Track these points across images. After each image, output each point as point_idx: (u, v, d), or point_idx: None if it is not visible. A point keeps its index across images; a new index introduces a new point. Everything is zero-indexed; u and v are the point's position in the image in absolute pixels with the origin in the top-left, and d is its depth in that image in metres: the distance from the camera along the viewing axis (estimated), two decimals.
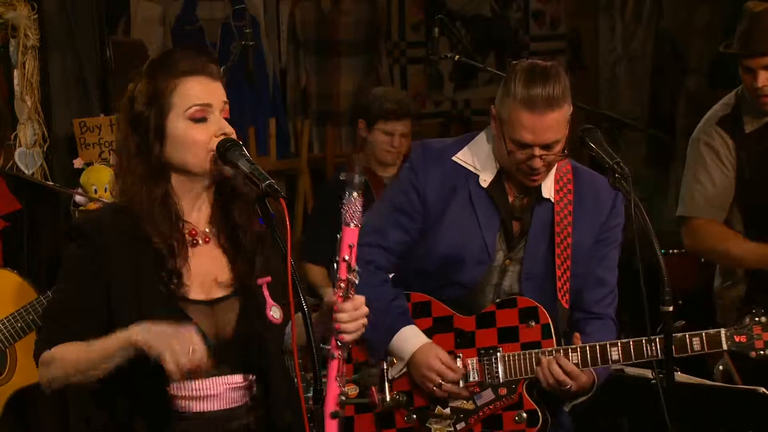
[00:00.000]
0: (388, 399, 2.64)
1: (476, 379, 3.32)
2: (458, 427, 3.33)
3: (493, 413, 3.32)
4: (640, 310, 3.18)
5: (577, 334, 3.28)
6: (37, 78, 4.51)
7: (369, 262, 3.25)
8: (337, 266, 2.52)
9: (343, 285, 2.51)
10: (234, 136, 2.66)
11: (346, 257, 2.50)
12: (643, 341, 3.24)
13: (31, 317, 3.83)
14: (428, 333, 3.34)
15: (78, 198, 4.27)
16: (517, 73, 3.18)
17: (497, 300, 3.34)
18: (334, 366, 2.50)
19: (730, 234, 4.06)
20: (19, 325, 3.84)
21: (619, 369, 3.51)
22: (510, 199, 3.31)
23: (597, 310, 3.38)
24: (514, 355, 3.29)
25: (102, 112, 4.56)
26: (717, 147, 4.07)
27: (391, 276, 3.42)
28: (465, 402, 3.32)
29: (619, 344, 3.24)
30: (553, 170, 3.30)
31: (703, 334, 3.27)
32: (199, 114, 2.61)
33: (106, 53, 4.60)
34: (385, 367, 2.66)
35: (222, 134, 2.63)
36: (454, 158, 3.34)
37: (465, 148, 3.36)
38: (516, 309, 3.31)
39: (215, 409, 2.63)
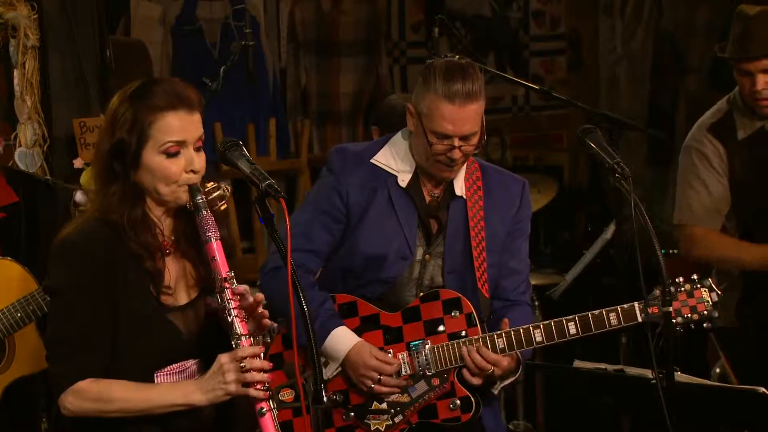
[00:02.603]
0: (324, 399, 2.68)
1: (408, 372, 3.43)
2: (396, 420, 3.44)
3: (428, 403, 3.45)
4: None
5: (506, 320, 3.43)
6: (37, 78, 4.51)
7: (298, 266, 3.32)
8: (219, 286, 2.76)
9: (226, 304, 2.76)
10: (203, 170, 2.84)
11: (216, 272, 2.76)
12: (564, 321, 3.40)
13: (31, 308, 3.84)
14: (357, 332, 3.45)
15: (78, 198, 4.28)
16: (436, 69, 3.36)
17: (420, 294, 3.48)
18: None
19: (735, 241, 4.06)
20: (19, 315, 3.85)
21: (619, 369, 3.52)
22: (427, 199, 3.48)
23: (514, 297, 3.57)
24: (442, 346, 3.42)
25: (102, 112, 4.55)
26: (708, 154, 4.07)
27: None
28: (400, 395, 3.43)
29: (541, 326, 3.40)
30: (463, 170, 3.48)
31: (619, 308, 3.39)
32: (173, 150, 2.79)
33: (106, 53, 4.60)
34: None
35: (191, 170, 2.81)
36: (372, 160, 3.50)
37: (383, 150, 3.51)
38: (439, 301, 3.45)
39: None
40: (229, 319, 2.76)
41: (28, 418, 4.29)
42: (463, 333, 3.43)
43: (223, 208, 2.92)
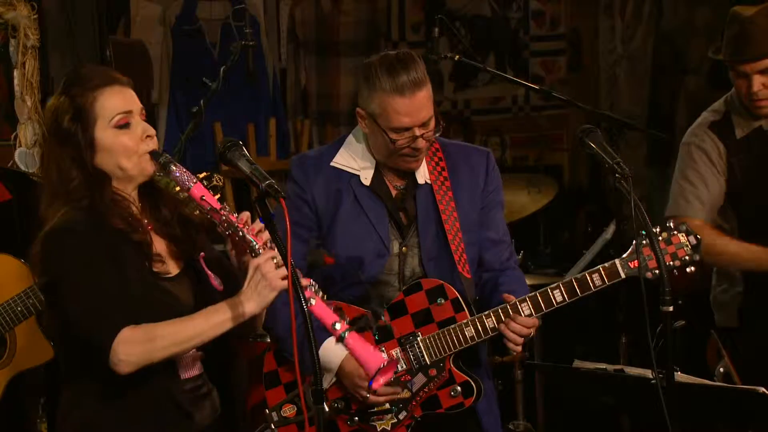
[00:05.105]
0: (326, 409, 2.69)
1: (404, 367, 3.43)
2: (401, 417, 3.44)
3: (429, 395, 3.44)
4: (640, 310, 3.19)
5: (506, 295, 3.40)
6: (37, 78, 4.52)
7: None
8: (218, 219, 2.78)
9: (225, 227, 2.78)
10: (155, 136, 2.89)
11: (210, 207, 2.78)
12: (548, 290, 3.37)
13: (31, 301, 3.86)
14: None
15: None
16: (377, 67, 3.38)
17: (403, 288, 3.47)
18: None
19: (724, 236, 4.05)
20: (19, 309, 3.87)
21: (619, 369, 3.52)
22: (393, 193, 3.49)
23: (501, 267, 3.57)
24: (434, 336, 3.42)
25: None
26: (708, 150, 4.06)
27: None
28: (401, 392, 3.41)
29: (527, 299, 3.37)
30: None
31: (601, 268, 3.38)
32: (123, 121, 2.84)
33: (106, 53, 4.61)
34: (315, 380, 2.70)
35: (147, 136, 2.86)
36: (332, 164, 3.50)
37: (340, 152, 3.52)
38: (423, 291, 3.45)
39: (193, 374, 2.96)
40: (241, 235, 2.78)
41: (28, 418, 4.29)
42: (452, 319, 3.42)
43: (216, 198, 2.93)
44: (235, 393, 3.05)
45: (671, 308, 3.08)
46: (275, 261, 2.74)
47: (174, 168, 2.81)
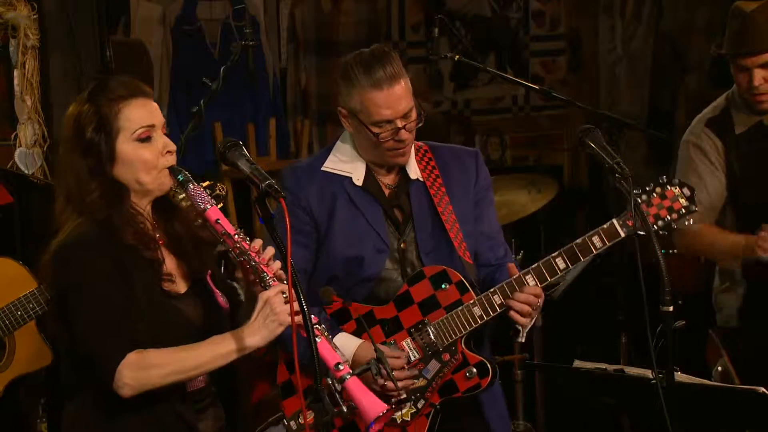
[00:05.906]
0: (345, 409, 2.69)
1: (417, 356, 3.42)
2: (419, 405, 3.43)
3: (445, 380, 3.44)
4: (640, 310, 3.19)
5: (511, 265, 3.42)
6: (37, 78, 4.52)
7: None
8: (228, 244, 2.78)
9: (237, 253, 2.77)
10: (175, 152, 2.88)
11: (224, 231, 2.77)
12: (550, 258, 3.37)
13: (31, 306, 3.86)
14: (355, 335, 3.44)
15: None
16: (353, 66, 3.45)
17: (406, 279, 3.48)
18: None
19: (714, 230, 4.07)
20: (19, 313, 3.87)
21: (619, 369, 3.52)
22: (386, 192, 3.52)
23: (497, 262, 3.58)
24: (443, 320, 3.42)
25: None
26: (706, 148, 4.07)
27: None
28: (416, 381, 3.41)
29: (531, 271, 3.37)
30: (413, 153, 3.53)
31: (600, 230, 3.37)
32: (145, 134, 2.83)
33: (106, 53, 4.61)
34: (330, 381, 2.70)
35: (167, 151, 2.85)
36: (323, 168, 3.53)
37: (330, 156, 3.55)
38: (426, 279, 3.45)
39: (198, 387, 2.94)
40: (252, 264, 2.77)
41: (28, 419, 4.29)
42: (459, 302, 3.41)
43: (218, 207, 2.93)
44: (238, 401, 3.03)
45: (671, 308, 3.08)
46: (285, 296, 2.73)
47: (192, 187, 2.80)
